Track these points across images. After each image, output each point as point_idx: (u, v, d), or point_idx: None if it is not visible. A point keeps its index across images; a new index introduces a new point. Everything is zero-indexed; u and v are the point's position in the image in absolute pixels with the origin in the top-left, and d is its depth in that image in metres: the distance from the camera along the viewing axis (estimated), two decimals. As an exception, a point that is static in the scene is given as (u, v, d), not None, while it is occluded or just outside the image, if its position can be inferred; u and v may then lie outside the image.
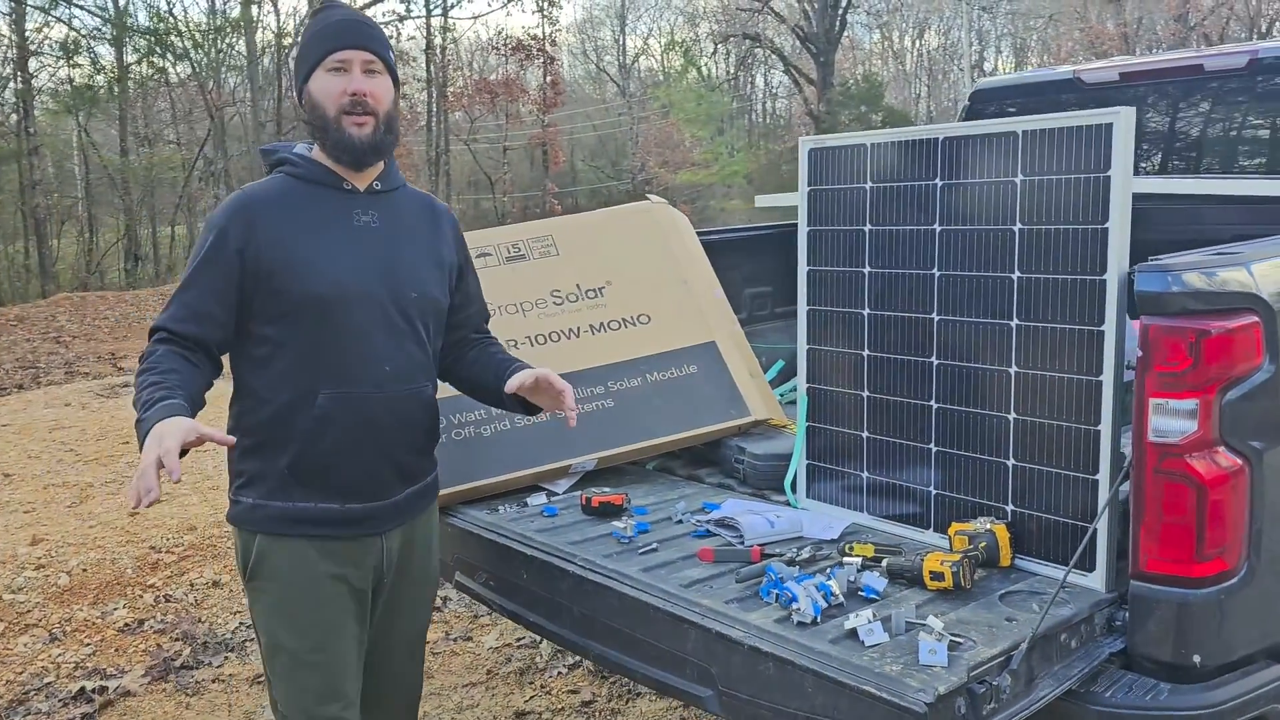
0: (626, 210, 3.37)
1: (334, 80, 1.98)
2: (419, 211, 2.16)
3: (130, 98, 22.56)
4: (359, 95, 1.97)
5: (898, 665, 1.72)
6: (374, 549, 2.06)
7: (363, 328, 1.97)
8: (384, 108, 2.01)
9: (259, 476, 2.00)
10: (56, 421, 7.72)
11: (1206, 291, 1.85)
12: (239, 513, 2.02)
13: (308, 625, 1.99)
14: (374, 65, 2.01)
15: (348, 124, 1.98)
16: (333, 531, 2.00)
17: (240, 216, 1.96)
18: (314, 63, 2.01)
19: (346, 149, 1.99)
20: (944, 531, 2.26)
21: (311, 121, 2.02)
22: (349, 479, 2.00)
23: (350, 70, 1.98)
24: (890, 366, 2.40)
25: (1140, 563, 1.92)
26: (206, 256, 1.95)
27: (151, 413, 1.76)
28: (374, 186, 2.07)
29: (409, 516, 2.13)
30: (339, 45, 1.99)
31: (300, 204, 2.00)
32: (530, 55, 26.91)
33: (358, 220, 2.03)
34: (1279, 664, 2.01)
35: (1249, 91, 3.48)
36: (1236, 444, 1.87)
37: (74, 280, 20.68)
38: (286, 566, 1.99)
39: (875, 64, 39.99)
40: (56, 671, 3.68)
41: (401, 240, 2.07)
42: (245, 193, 2.02)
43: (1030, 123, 2.09)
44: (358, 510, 2.02)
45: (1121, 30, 26.90)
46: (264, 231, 1.95)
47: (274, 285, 1.94)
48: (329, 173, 2.04)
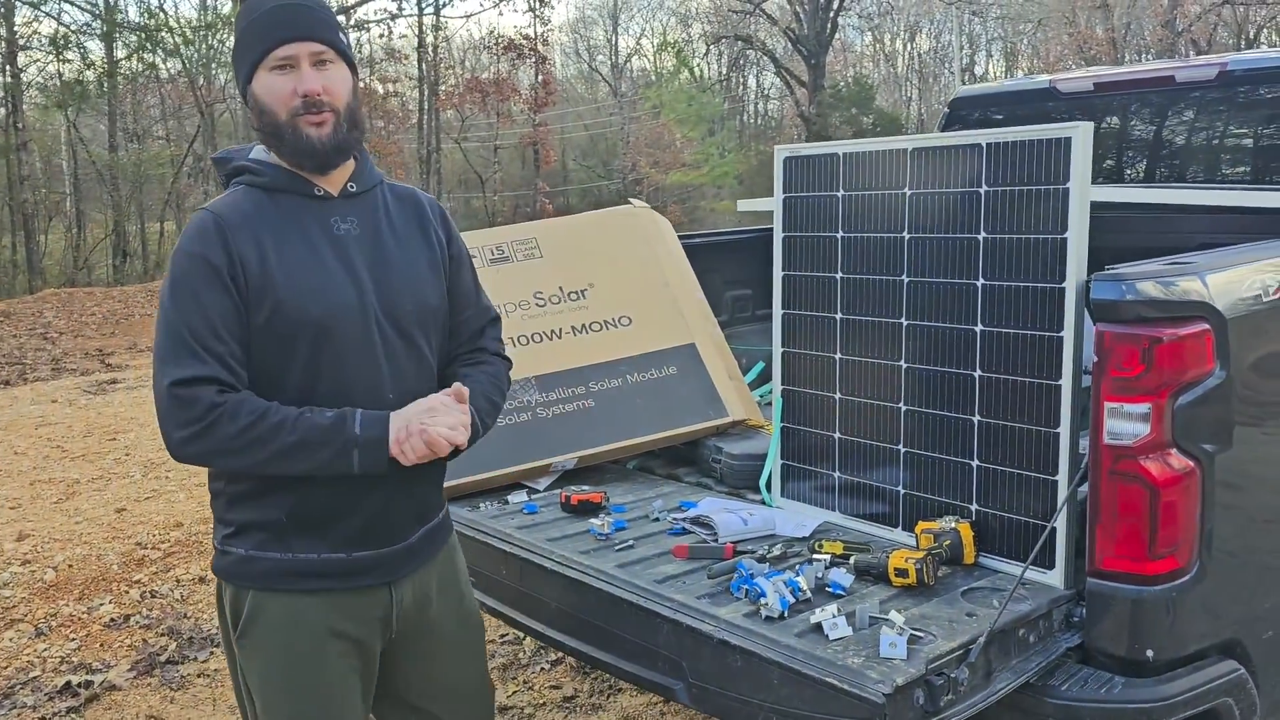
0: (610, 214, 3.44)
1: (280, 80, 1.73)
2: (403, 210, 1.91)
3: (120, 93, 22.50)
4: (311, 95, 1.72)
5: (859, 658, 1.78)
6: (381, 601, 1.83)
7: (359, 353, 1.75)
8: (343, 101, 1.76)
9: (252, 526, 1.77)
10: (43, 418, 7.75)
11: (1160, 300, 1.92)
12: (228, 565, 1.79)
13: (307, 689, 1.78)
14: (324, 55, 1.75)
15: (304, 125, 1.73)
16: (337, 584, 1.78)
17: (216, 237, 1.70)
18: (254, 60, 1.74)
19: (307, 153, 1.74)
20: (911, 530, 2.33)
21: (262, 129, 1.76)
22: (358, 525, 1.78)
23: (298, 66, 1.72)
24: (861, 369, 2.46)
25: (1096, 560, 1.99)
26: (196, 285, 1.68)
27: (361, 423, 1.68)
28: (349, 189, 1.83)
29: (422, 561, 1.89)
30: (280, 38, 1.72)
31: (271, 218, 1.75)
32: (522, 54, 26.94)
33: (337, 229, 1.79)
34: (1230, 659, 2.08)
35: (1219, 103, 3.56)
36: (1188, 447, 1.94)
37: (61, 276, 20.63)
38: (283, 624, 1.76)
39: (866, 66, 40.14)
40: (42, 666, 3.72)
41: (389, 246, 1.83)
42: (210, 212, 1.74)
43: (994, 135, 2.16)
44: (366, 559, 1.80)
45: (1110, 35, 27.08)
46: (242, 251, 1.70)
47: (259, 315, 1.70)
48: (297, 179, 1.78)
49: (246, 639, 1.79)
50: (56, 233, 23.12)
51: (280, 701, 1.79)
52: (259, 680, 1.80)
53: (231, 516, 1.79)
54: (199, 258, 1.69)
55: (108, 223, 22.80)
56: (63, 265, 21.56)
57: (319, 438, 1.66)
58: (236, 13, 1.80)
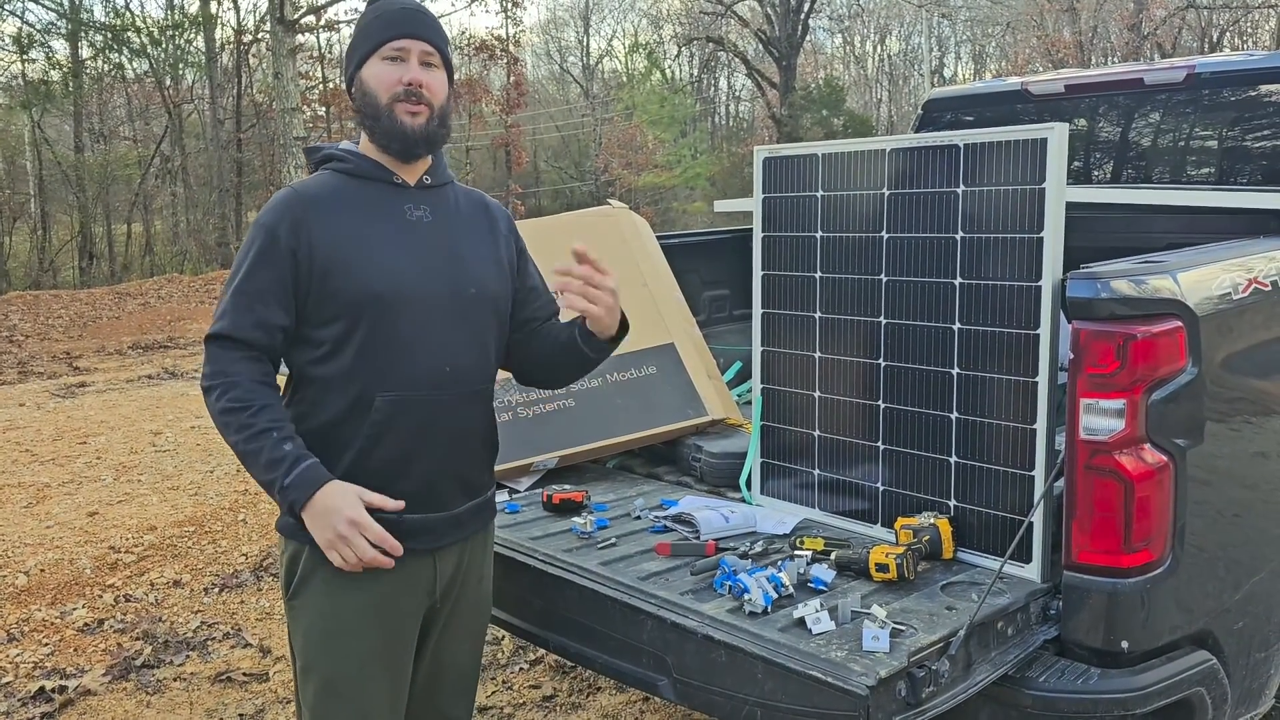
0: (588, 214, 3.45)
1: (389, 68, 1.91)
2: (472, 207, 2.07)
3: (86, 94, 22.21)
4: (415, 85, 1.90)
5: (842, 651, 1.80)
6: (425, 569, 1.94)
7: (421, 327, 1.88)
8: (439, 100, 1.94)
9: None
10: (10, 422, 7.64)
11: (1134, 298, 1.96)
12: (289, 523, 1.88)
13: (346, 651, 1.88)
14: (431, 58, 1.94)
15: (400, 111, 1.90)
16: None
17: (289, 214, 1.87)
18: (369, 49, 1.93)
19: (396, 136, 1.91)
20: (891, 526, 2.36)
21: (362, 109, 1.94)
22: (407, 488, 1.88)
23: (407, 59, 1.91)
24: (840, 368, 2.49)
25: (1073, 554, 2.03)
26: (258, 257, 1.85)
27: (294, 478, 1.76)
28: (424, 181, 1.99)
29: (466, 533, 2.01)
30: (397, 33, 1.91)
31: (350, 200, 1.92)
32: (494, 55, 26.87)
33: (410, 215, 1.94)
34: (1202, 649, 2.13)
35: (1187, 105, 3.62)
36: (1162, 442, 1.98)
37: (27, 279, 20.32)
38: (330, 585, 1.87)
39: (837, 68, 40.38)
40: (15, 671, 3.67)
41: (457, 235, 1.99)
42: (293, 190, 1.92)
43: (971, 136, 2.19)
44: (415, 521, 1.90)
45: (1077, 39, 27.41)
46: (316, 229, 1.86)
47: (328, 286, 1.85)
48: (378, 166, 1.95)
49: (296, 599, 1.91)
50: (21, 234, 22.76)
51: (320, 663, 1.89)
52: (302, 640, 1.91)
53: None
54: (270, 229, 1.86)
55: (74, 224, 22.49)
56: (28, 267, 21.24)
57: (262, 462, 1.78)
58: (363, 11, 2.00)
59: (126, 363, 11.14)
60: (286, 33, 15.81)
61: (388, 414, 1.86)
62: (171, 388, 9.10)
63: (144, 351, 11.89)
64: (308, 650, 1.90)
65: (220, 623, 4.08)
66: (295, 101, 16.21)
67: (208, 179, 22.12)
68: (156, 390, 8.96)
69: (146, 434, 7.11)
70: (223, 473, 6.13)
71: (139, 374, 10.02)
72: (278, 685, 3.56)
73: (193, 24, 22.49)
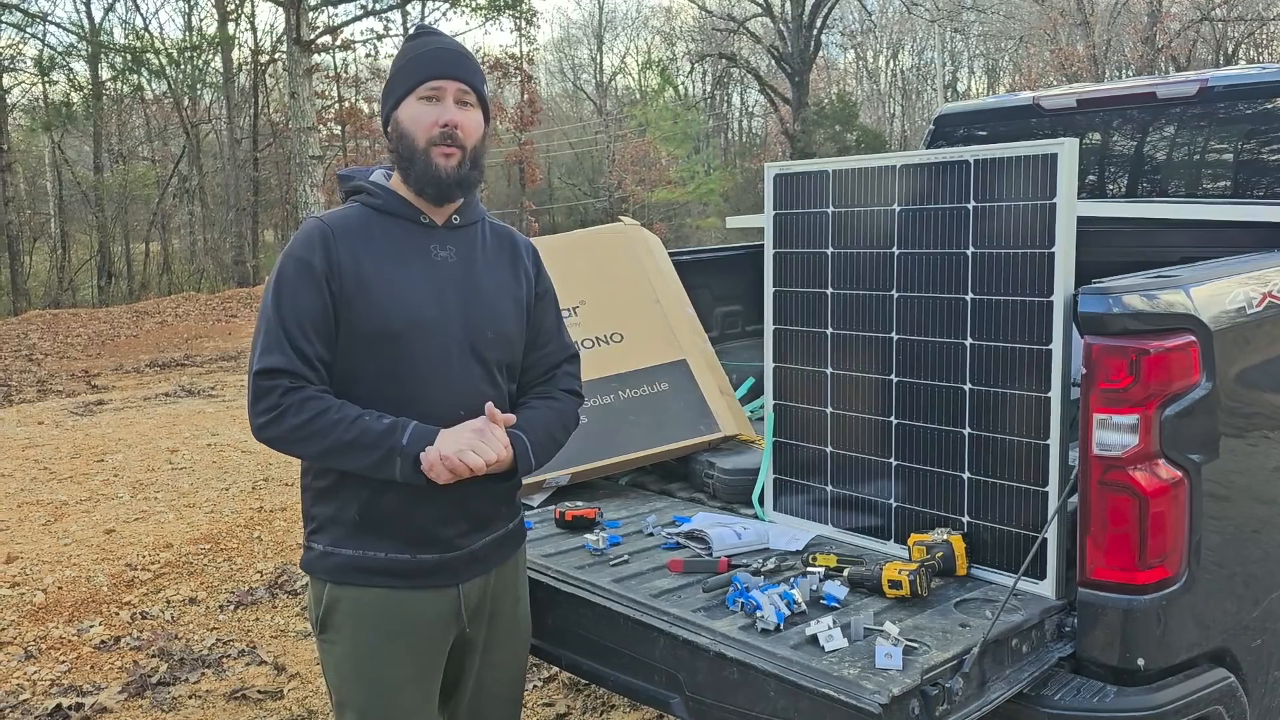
0: (600, 231, 3.46)
1: (426, 110, 1.90)
2: (498, 246, 2.06)
3: (105, 115, 22.47)
4: (450, 126, 1.89)
5: (855, 669, 1.80)
6: (449, 599, 1.95)
7: (437, 367, 1.88)
8: (473, 142, 1.94)
9: (331, 522, 1.91)
10: (30, 439, 7.70)
11: (1146, 313, 1.96)
12: (311, 560, 1.94)
13: (376, 682, 1.90)
14: (468, 97, 1.94)
15: (436, 155, 1.89)
16: (403, 583, 1.90)
17: (320, 245, 1.87)
18: (406, 90, 1.92)
19: (431, 181, 1.90)
20: (904, 542, 2.35)
21: (398, 150, 1.93)
22: (419, 528, 1.90)
23: (444, 100, 1.91)
24: (852, 384, 2.49)
25: (1087, 571, 2.01)
26: (295, 286, 1.85)
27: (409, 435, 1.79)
28: (453, 221, 1.99)
29: (488, 567, 2.00)
30: (434, 74, 1.91)
31: (376, 236, 1.92)
32: (508, 73, 27.06)
33: (435, 255, 1.94)
34: (1220, 667, 2.11)
35: (1200, 118, 3.61)
36: (1176, 457, 1.97)
37: (46, 297, 20.54)
38: (356, 619, 1.89)
39: (849, 84, 40.45)
40: (32, 689, 3.69)
41: (480, 277, 1.98)
42: (322, 221, 1.92)
43: (981, 152, 2.19)
44: (430, 561, 1.91)
45: (1090, 52, 27.37)
46: (343, 261, 1.86)
47: (349, 317, 1.85)
48: (407, 205, 1.95)
49: (325, 633, 1.93)
50: (41, 254, 23.03)
51: (352, 694, 1.91)
52: (334, 673, 1.94)
53: (315, 511, 1.94)
54: (303, 262, 1.86)
55: (92, 244, 22.74)
56: (47, 286, 21.47)
57: (370, 440, 1.79)
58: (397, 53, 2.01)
59: (144, 380, 11.22)
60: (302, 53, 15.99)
61: None
62: (188, 405, 9.15)
63: (161, 369, 11.98)
64: (341, 684, 1.93)
65: (235, 640, 4.09)
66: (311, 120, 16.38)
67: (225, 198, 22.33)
68: (173, 408, 9.02)
69: (163, 451, 7.16)
70: (238, 490, 6.16)
71: (156, 391, 10.09)
72: (292, 703, 3.56)
73: (211, 45, 22.76)
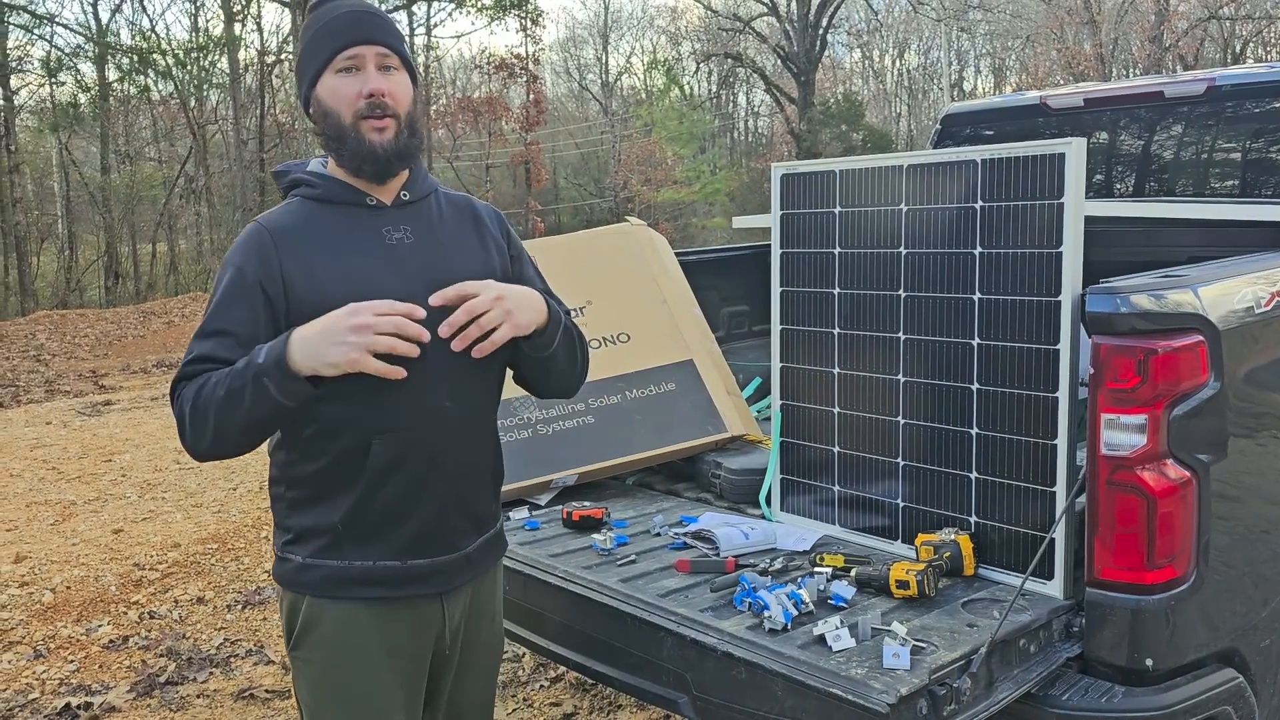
0: (607, 231, 3.47)
1: (346, 82, 1.74)
2: (458, 216, 1.89)
3: (112, 116, 22.54)
4: (377, 96, 1.73)
5: (863, 669, 1.80)
6: (434, 612, 1.82)
7: (412, 364, 1.67)
8: (405, 108, 1.77)
9: (310, 532, 1.76)
10: (38, 440, 7.73)
11: (1154, 312, 1.95)
12: (287, 572, 1.78)
13: (356, 704, 1.77)
14: (389, 60, 1.77)
15: (367, 130, 1.73)
16: (391, 593, 1.76)
17: (258, 250, 1.72)
18: (321, 64, 1.76)
19: (368, 158, 1.74)
20: (911, 542, 2.35)
21: (324, 131, 1.77)
22: (412, 532, 1.76)
23: (364, 68, 1.74)
24: (859, 384, 2.49)
25: (1095, 571, 2.01)
26: (227, 296, 1.71)
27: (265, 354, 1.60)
28: (402, 198, 1.82)
29: (478, 572, 1.88)
30: (348, 41, 1.74)
31: (323, 228, 1.76)
32: (513, 73, 27.09)
33: (390, 238, 1.78)
34: (1229, 667, 2.10)
35: (1208, 118, 3.60)
36: (1184, 457, 1.97)
37: (54, 298, 20.60)
38: (336, 635, 1.76)
39: (856, 83, 40.40)
40: (41, 688, 3.71)
41: (445, 255, 1.81)
42: (260, 224, 1.77)
43: (988, 152, 2.19)
44: (422, 566, 1.78)
45: (1097, 51, 27.30)
46: (288, 264, 1.71)
47: (302, 323, 1.67)
48: (349, 189, 1.79)
49: (300, 649, 1.79)
50: (48, 254, 23.10)
51: (329, 715, 1.79)
52: (309, 692, 1.81)
53: (290, 522, 1.79)
54: (237, 271, 1.72)
55: (100, 244, 22.80)
56: (55, 287, 21.53)
57: (238, 383, 1.61)
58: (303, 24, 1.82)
59: (151, 380, 11.26)
60: (309, 54, 15.98)
61: (387, 458, 1.71)
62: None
63: (168, 369, 12.01)
64: (316, 703, 1.80)
65: (243, 639, 4.10)
66: (317, 121, 16.35)
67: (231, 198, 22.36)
68: (181, 408, 9.03)
69: (171, 451, 7.18)
70: (245, 490, 6.18)
71: (163, 392, 10.11)
72: (300, 702, 3.57)
73: (217, 46, 22.80)
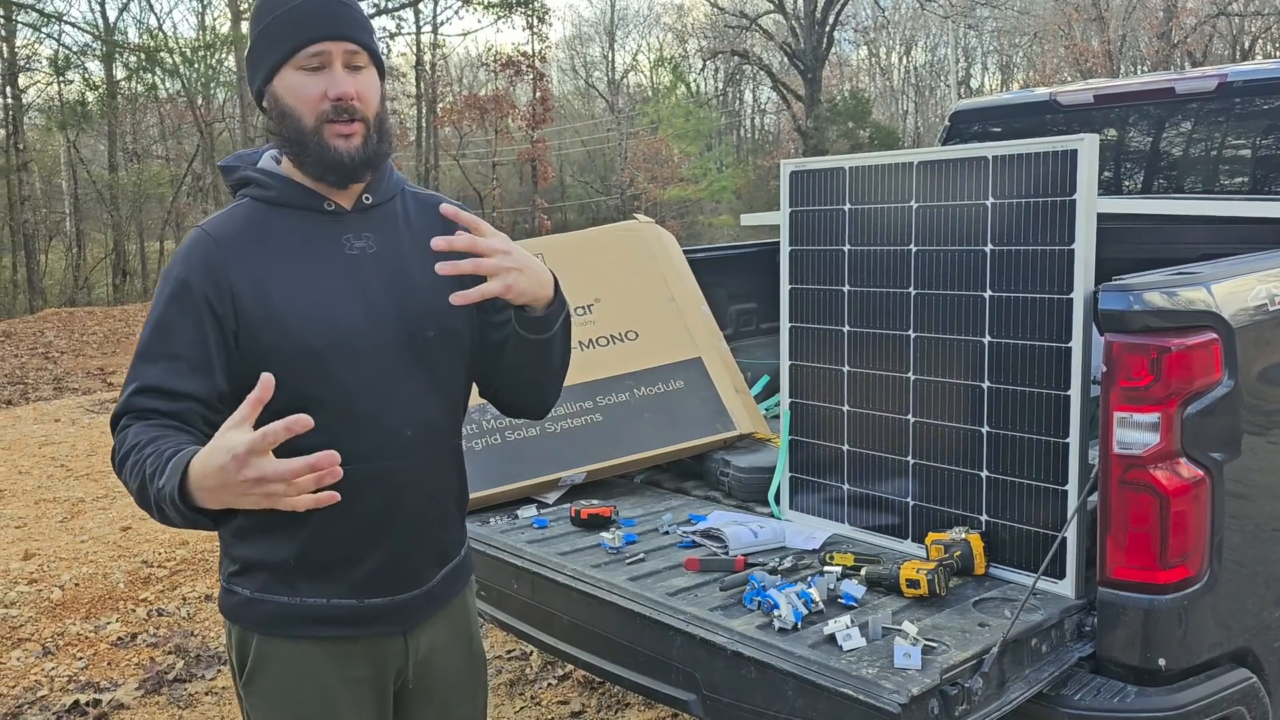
0: (614, 229, 3.46)
1: (310, 81, 1.54)
2: (426, 220, 1.70)
3: (120, 114, 22.59)
4: (345, 99, 1.54)
5: (873, 669, 1.79)
6: (396, 650, 1.67)
7: (374, 387, 1.55)
8: (373, 110, 1.59)
9: (258, 565, 1.60)
10: (46, 437, 7.75)
11: (1167, 310, 1.94)
12: (233, 606, 1.63)
13: None
14: (358, 58, 1.58)
15: (331, 135, 1.55)
16: (346, 632, 1.61)
17: (204, 262, 1.54)
18: (281, 57, 1.55)
19: (332, 166, 1.56)
20: (922, 541, 2.34)
21: (281, 132, 1.57)
22: (370, 569, 1.60)
23: (330, 66, 1.55)
24: (869, 382, 2.48)
25: (1108, 570, 2.00)
26: (171, 313, 1.53)
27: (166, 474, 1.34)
28: (364, 201, 1.64)
29: (442, 605, 1.72)
30: (314, 36, 1.54)
31: (274, 236, 1.58)
32: (520, 71, 27.11)
33: (350, 248, 1.60)
34: (1242, 667, 2.09)
35: (1219, 114, 3.58)
36: (1198, 455, 1.95)
37: (62, 296, 20.67)
38: (290, 674, 1.61)
39: (862, 80, 40.31)
40: (50, 685, 3.72)
41: (409, 265, 1.64)
42: (204, 231, 1.58)
43: (1000, 148, 2.17)
44: (380, 606, 1.62)
45: (1105, 48, 27.21)
46: (234, 276, 1.53)
47: (258, 345, 1.52)
48: (306, 192, 1.60)
49: (252, 685, 1.64)
50: (56, 252, 23.18)
51: None
52: None
53: (237, 552, 1.62)
54: (180, 283, 1.55)
55: (107, 242, 22.87)
56: (63, 285, 21.61)
57: (148, 493, 1.39)
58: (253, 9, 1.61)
59: (159, 378, 11.25)
60: (316, 51, 16.00)
61: (344, 493, 1.41)
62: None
63: (176, 367, 12.01)
64: None
65: (251, 637, 4.10)
66: (324, 119, 16.37)
67: (238, 196, 22.41)
68: (188, 405, 9.05)
69: (178, 449, 7.19)
70: (253, 487, 6.18)
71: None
72: (308, 700, 3.57)
73: (224, 44, 22.83)
